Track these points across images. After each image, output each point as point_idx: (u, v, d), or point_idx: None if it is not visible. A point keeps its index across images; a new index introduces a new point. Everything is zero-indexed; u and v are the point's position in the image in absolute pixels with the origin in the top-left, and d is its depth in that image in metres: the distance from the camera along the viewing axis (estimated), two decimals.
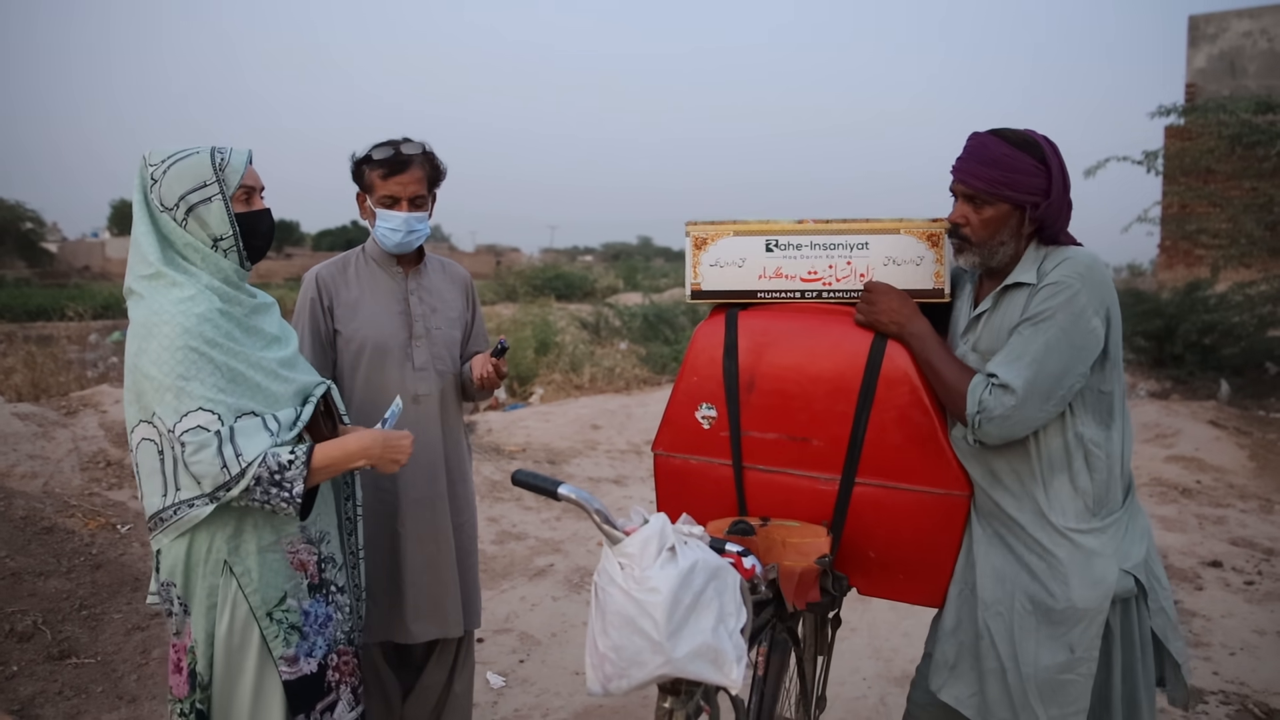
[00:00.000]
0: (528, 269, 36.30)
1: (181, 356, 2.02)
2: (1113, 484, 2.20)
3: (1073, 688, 2.16)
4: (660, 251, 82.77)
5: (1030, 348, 2.12)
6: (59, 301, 19.22)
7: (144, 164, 2.17)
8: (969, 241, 2.26)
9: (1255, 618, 4.85)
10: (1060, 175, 2.19)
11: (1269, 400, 10.86)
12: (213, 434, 2.00)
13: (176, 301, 2.07)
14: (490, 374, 2.83)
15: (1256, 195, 9.93)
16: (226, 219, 2.17)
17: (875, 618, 4.61)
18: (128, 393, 2.10)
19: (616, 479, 7.56)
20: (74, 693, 3.66)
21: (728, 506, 2.56)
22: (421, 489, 2.87)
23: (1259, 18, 15.49)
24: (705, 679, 1.80)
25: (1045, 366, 2.10)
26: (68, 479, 5.52)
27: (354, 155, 2.83)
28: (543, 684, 4.04)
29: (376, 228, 2.81)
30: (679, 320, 15.72)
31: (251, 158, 2.24)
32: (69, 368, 10.66)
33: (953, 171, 2.26)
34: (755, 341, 2.47)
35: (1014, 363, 2.13)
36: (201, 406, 2.01)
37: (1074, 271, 2.12)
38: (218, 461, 2.00)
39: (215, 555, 2.11)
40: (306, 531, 2.25)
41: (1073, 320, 2.10)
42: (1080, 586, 2.15)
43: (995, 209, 2.20)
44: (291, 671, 2.17)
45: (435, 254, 3.06)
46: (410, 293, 2.90)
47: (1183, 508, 6.87)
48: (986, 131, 2.23)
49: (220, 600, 2.12)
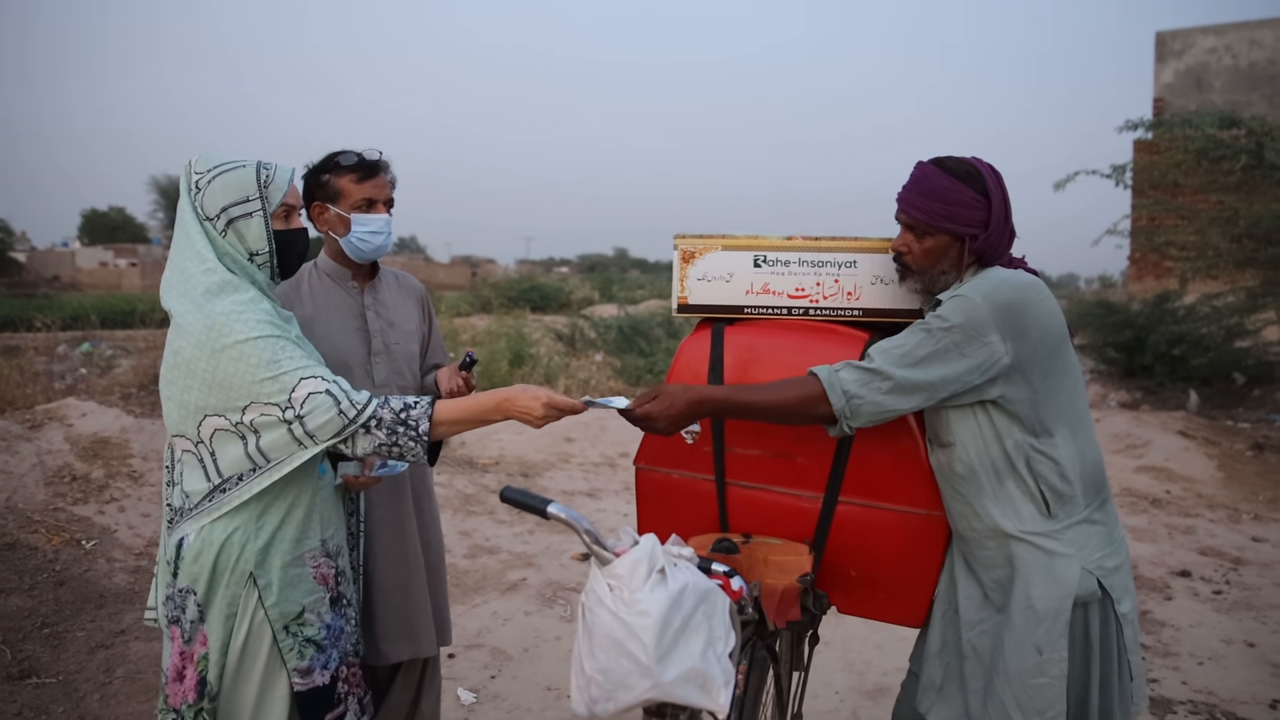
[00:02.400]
0: (503, 280, 36.25)
1: (265, 345, 2.06)
2: (1067, 488, 2.20)
3: (1047, 691, 2.15)
4: (636, 263, 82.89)
5: (917, 349, 2.15)
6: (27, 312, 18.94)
7: (189, 169, 2.19)
8: (910, 269, 2.30)
9: (1223, 627, 4.89)
10: (1001, 207, 2.22)
11: (1237, 410, 11.01)
12: (325, 393, 2.06)
13: (241, 303, 2.11)
14: (460, 388, 2.78)
15: (1223, 209, 10.07)
16: (265, 236, 2.19)
17: (848, 631, 4.60)
18: (174, 398, 2.10)
19: (590, 492, 7.53)
20: (34, 713, 3.58)
21: (709, 522, 2.54)
22: (387, 509, 2.81)
23: (1224, 34, 15.76)
24: (693, 704, 1.78)
25: (927, 366, 2.14)
26: (31, 494, 5.41)
27: (309, 165, 2.74)
28: (514, 700, 4.00)
29: (352, 234, 2.70)
30: (654, 332, 15.70)
31: (295, 175, 2.27)
32: (36, 379, 10.49)
33: (897, 200, 2.29)
34: (741, 357, 2.46)
35: (896, 353, 2.16)
36: (303, 376, 2.06)
37: (980, 290, 2.15)
38: (334, 411, 2.06)
39: (243, 566, 2.13)
40: (326, 545, 2.27)
41: (966, 333, 2.13)
42: (1041, 586, 2.16)
43: (935, 239, 2.24)
44: (305, 683, 2.18)
45: (389, 267, 2.99)
46: (367, 308, 2.82)
47: (1152, 518, 6.94)
48: (930, 161, 2.26)
49: (240, 611, 2.13)
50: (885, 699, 3.88)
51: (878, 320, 2.49)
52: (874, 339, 2.39)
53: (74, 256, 53.71)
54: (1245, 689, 4.16)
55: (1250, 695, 4.10)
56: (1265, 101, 14.97)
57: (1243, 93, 15.31)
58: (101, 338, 17.05)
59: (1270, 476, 8.14)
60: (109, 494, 5.56)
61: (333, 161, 2.71)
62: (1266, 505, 7.38)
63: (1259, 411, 10.99)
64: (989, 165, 2.25)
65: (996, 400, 2.18)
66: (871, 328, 2.48)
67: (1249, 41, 15.58)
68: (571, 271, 65.33)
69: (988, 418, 2.20)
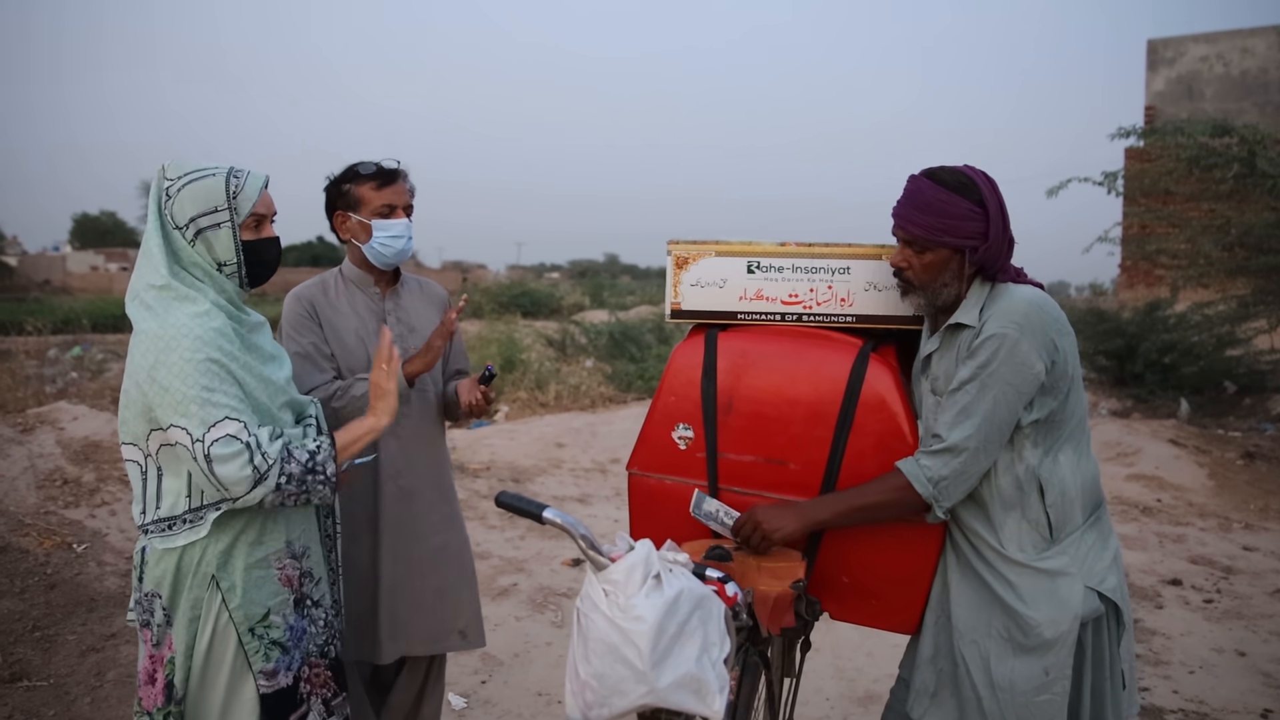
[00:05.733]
0: (494, 286, 36.17)
1: (204, 368, 2.04)
2: (1069, 508, 2.21)
3: (1049, 706, 2.16)
4: (627, 269, 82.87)
5: (980, 406, 2.14)
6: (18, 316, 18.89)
7: (161, 175, 2.18)
8: (912, 285, 2.28)
9: (1214, 636, 4.90)
10: (998, 215, 2.20)
11: (1228, 419, 11.03)
12: (243, 444, 2.03)
13: (192, 315, 2.09)
14: (479, 401, 2.83)
15: (1214, 217, 10.08)
16: (233, 247, 2.18)
17: (839, 638, 4.59)
18: (132, 405, 2.10)
19: (581, 498, 7.52)
20: (25, 716, 3.57)
21: (702, 528, 2.54)
22: (399, 510, 2.86)
23: (1215, 43, 15.85)
24: (687, 709, 1.78)
25: (994, 419, 2.14)
26: (23, 497, 5.39)
27: (330, 176, 2.84)
28: (505, 705, 3.99)
29: (374, 240, 2.79)
30: (645, 338, 15.71)
31: (268, 183, 2.25)
32: (27, 383, 10.46)
33: (893, 215, 2.27)
34: (734, 363, 2.46)
35: (963, 422, 2.15)
36: (228, 416, 2.04)
37: (1011, 321, 2.13)
38: (248, 468, 2.03)
39: (204, 569, 2.12)
40: (291, 547, 2.26)
41: (1015, 370, 2.12)
42: (1048, 612, 2.16)
43: (935, 254, 2.22)
44: (270, 685, 2.18)
45: (413, 275, 3.05)
46: (388, 313, 2.90)
47: (1143, 526, 6.95)
48: (922, 174, 2.24)
49: (204, 614, 2.13)
50: (875, 706, 3.88)
51: (871, 326, 2.49)
52: (867, 345, 2.40)
53: (65, 260, 53.49)
54: (1236, 698, 4.16)
55: (1241, 704, 4.10)
56: (1257, 110, 15.06)
57: (1234, 101, 15.40)
58: (92, 342, 17.03)
59: (1261, 485, 8.16)
60: (100, 497, 5.55)
61: (352, 171, 2.81)
62: (1257, 514, 7.40)
63: (1250, 420, 11.02)
64: (982, 173, 2.23)
65: (1019, 422, 2.18)
66: (865, 334, 2.48)
67: (1240, 50, 15.67)
68: (562, 277, 65.31)
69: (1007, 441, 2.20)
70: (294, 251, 60.69)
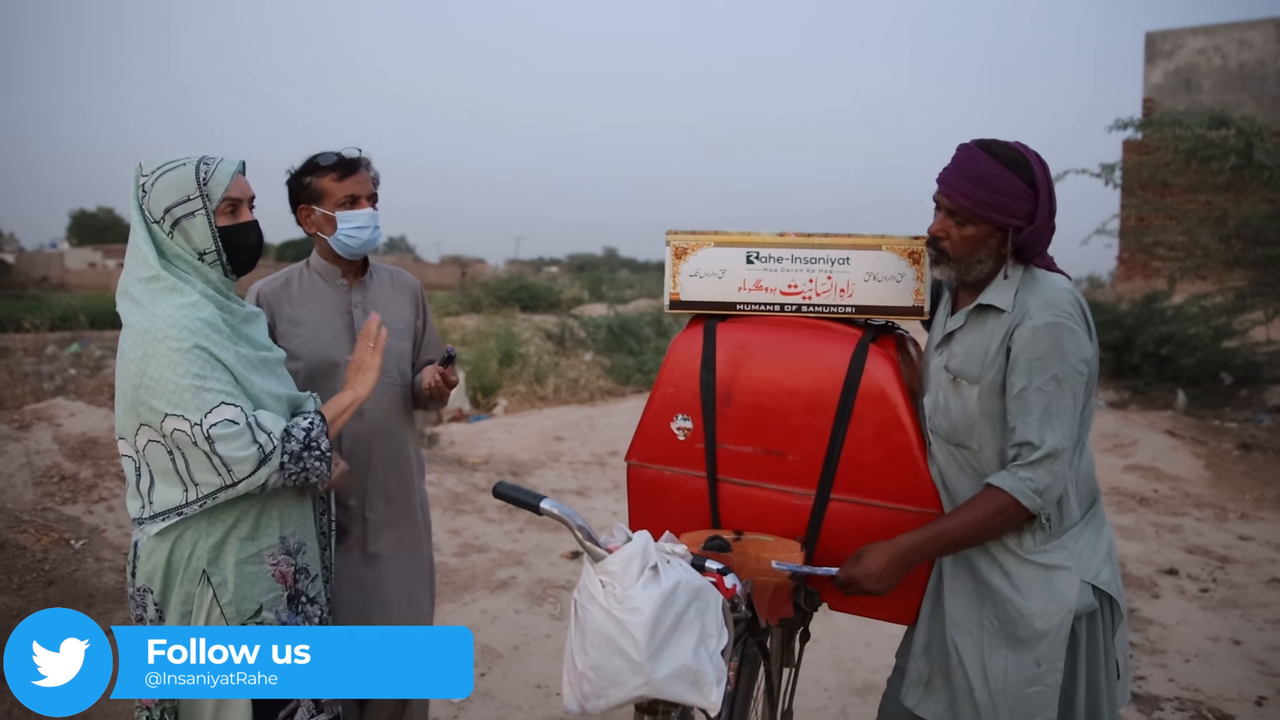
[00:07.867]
0: (493, 280, 36.10)
1: (195, 357, 2.05)
2: (1068, 503, 2.20)
3: (1040, 698, 2.16)
4: (625, 262, 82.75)
5: (1062, 404, 2.09)
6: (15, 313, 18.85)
7: (138, 171, 2.19)
8: (947, 255, 2.22)
9: (1210, 625, 4.91)
10: (1048, 199, 2.14)
11: (1224, 410, 11.04)
12: (243, 425, 2.05)
13: (180, 306, 2.09)
14: (438, 383, 2.77)
15: (1211, 209, 10.08)
16: (209, 234, 2.18)
17: (837, 628, 4.60)
18: (124, 400, 2.10)
19: (580, 490, 7.52)
20: (24, 713, 3.55)
21: (701, 519, 2.54)
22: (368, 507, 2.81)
23: (1213, 35, 15.84)
24: (685, 700, 1.78)
25: (1076, 414, 2.12)
26: (20, 494, 5.38)
27: (290, 170, 2.78)
28: (504, 698, 3.99)
29: (339, 231, 2.73)
30: (644, 331, 15.72)
31: (243, 168, 2.25)
32: (25, 380, 10.45)
33: (938, 182, 2.20)
34: (733, 354, 2.46)
35: (1052, 423, 2.09)
36: (224, 401, 2.05)
37: (1062, 310, 2.10)
38: (252, 446, 2.05)
39: (195, 564, 2.12)
40: (286, 543, 2.25)
41: (1081, 362, 2.10)
42: (1041, 604, 2.15)
43: (977, 228, 2.15)
44: None
45: (384, 264, 3.00)
46: (354, 305, 2.84)
47: (1140, 516, 6.96)
48: (976, 144, 2.16)
49: (195, 609, 2.13)
50: (874, 696, 3.87)
51: (870, 317, 2.49)
52: (866, 336, 2.39)
53: (63, 257, 53.33)
54: (1231, 686, 4.18)
55: (1236, 692, 4.12)
56: (1254, 102, 15.05)
57: (1232, 93, 15.38)
58: (90, 338, 17.00)
59: (1257, 476, 8.18)
60: (97, 494, 5.54)
61: (312, 164, 2.75)
62: (1253, 504, 7.41)
63: (1246, 411, 11.03)
64: (1036, 154, 2.16)
65: None
66: (864, 324, 2.48)
67: (1238, 42, 15.67)
68: (561, 271, 65.20)
69: None
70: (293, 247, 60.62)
